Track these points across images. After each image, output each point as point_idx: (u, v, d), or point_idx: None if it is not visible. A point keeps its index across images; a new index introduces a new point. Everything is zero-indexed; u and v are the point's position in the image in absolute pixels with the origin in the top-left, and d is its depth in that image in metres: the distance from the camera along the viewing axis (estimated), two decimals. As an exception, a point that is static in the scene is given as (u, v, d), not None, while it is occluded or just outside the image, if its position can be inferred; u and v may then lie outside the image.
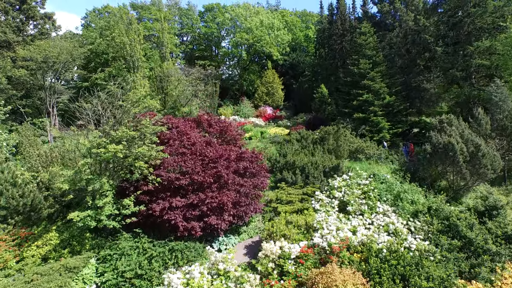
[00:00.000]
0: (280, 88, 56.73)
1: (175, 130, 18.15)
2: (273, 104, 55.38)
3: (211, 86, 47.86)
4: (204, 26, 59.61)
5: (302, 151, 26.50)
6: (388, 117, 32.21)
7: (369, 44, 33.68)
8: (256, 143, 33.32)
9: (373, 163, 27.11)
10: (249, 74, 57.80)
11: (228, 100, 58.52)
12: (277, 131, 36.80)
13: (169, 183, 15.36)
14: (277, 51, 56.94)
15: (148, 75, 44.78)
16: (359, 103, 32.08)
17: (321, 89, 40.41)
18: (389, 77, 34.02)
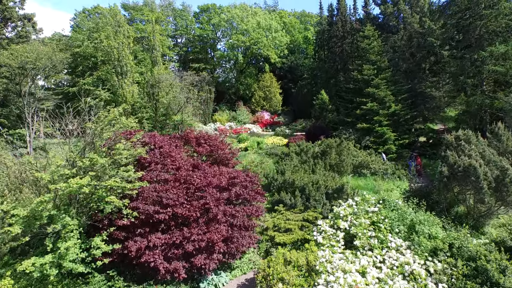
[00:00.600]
0: (278, 93, 54.57)
1: (158, 151, 15.89)
2: (271, 109, 53.20)
3: (206, 92, 45.61)
4: (199, 27, 57.32)
5: (302, 166, 24.29)
6: (393, 127, 30.04)
7: (373, 48, 31.52)
8: (252, 155, 31.09)
9: (379, 179, 24.93)
10: (246, 78, 55.57)
11: (224, 105, 56.27)
12: (274, 141, 34.61)
13: (147, 217, 13.11)
14: (275, 54, 54.73)
15: (139, 80, 42.55)
16: (362, 112, 29.92)
17: (321, 96, 38.24)
18: (394, 84, 31.84)
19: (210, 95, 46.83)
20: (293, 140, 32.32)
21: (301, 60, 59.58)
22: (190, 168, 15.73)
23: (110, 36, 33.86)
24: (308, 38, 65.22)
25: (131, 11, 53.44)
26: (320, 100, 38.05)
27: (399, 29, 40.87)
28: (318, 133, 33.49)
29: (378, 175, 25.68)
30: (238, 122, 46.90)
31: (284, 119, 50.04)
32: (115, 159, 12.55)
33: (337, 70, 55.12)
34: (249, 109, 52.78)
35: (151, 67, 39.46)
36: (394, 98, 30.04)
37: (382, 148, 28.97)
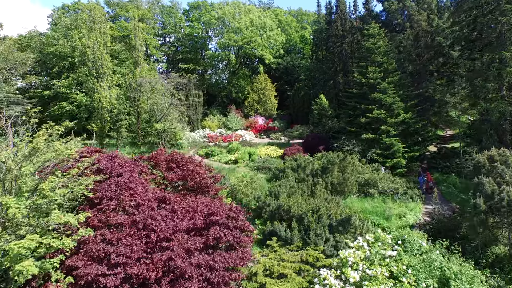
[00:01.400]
0: (273, 95, 50.98)
1: (115, 180, 12.22)
2: (265, 113, 49.60)
3: (194, 95, 41.91)
4: (189, 26, 53.55)
5: (299, 187, 20.73)
6: (402, 137, 26.61)
7: (379, 48, 28.06)
8: (243, 169, 27.49)
9: (388, 201, 21.44)
10: (239, 80, 51.94)
11: (215, 109, 52.55)
12: (268, 151, 31.03)
13: (87, 284, 9.45)
14: (270, 54, 51.13)
15: (120, 83, 38.78)
16: (368, 120, 26.44)
17: (320, 100, 34.73)
18: (402, 88, 28.43)
19: (199, 99, 43.16)
20: (289, 152, 28.75)
21: (298, 60, 56.08)
22: (155, 203, 12.09)
23: (84, 33, 30.09)
24: (305, 38, 61.69)
25: (115, 7, 49.57)
26: (319, 105, 34.55)
27: (404, 27, 37.44)
28: (317, 143, 29.98)
29: (387, 195, 22.22)
30: (230, 128, 43.26)
31: (280, 124, 46.52)
32: (37, 205, 8.85)
33: (336, 72, 51.67)
34: (242, 113, 49.15)
35: (133, 68, 35.70)
36: (403, 104, 26.57)
37: (390, 162, 25.52)
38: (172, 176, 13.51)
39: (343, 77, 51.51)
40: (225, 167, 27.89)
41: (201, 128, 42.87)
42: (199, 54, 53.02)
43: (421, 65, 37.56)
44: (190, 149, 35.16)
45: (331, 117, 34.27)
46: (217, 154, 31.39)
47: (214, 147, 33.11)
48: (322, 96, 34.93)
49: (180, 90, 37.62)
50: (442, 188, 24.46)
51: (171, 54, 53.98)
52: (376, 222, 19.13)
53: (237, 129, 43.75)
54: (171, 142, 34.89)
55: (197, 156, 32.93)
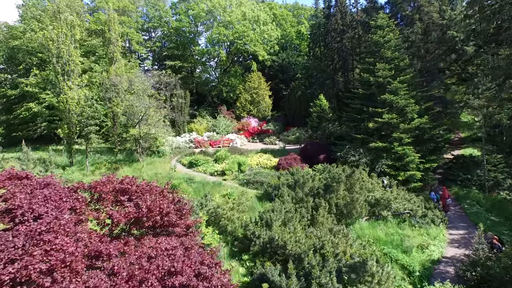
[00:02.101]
0: (267, 95, 46.99)
1: (26, 228, 8.19)
2: (259, 114, 45.61)
3: (179, 96, 37.81)
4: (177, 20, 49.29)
5: (298, 210, 16.83)
6: (415, 145, 22.83)
7: (389, 42, 24.17)
8: (230, 183, 23.52)
9: (405, 226, 17.61)
10: (230, 78, 47.86)
11: (205, 109, 48.47)
12: (261, 160, 27.08)
13: None
14: (264, 50, 47.12)
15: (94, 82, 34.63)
16: (377, 126, 22.59)
17: (319, 101, 30.84)
18: (415, 88, 24.65)
19: (185, 99, 39.01)
20: (285, 163, 24.85)
21: (294, 57, 52.15)
22: (83, 264, 8.07)
23: (47, 24, 25.92)
24: (301, 33, 57.77)
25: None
26: (318, 106, 30.64)
27: (413, 20, 33.64)
28: (317, 151, 26.12)
29: (403, 217, 18.40)
30: (219, 131, 39.23)
31: (274, 126, 42.58)
32: None
33: (335, 70, 47.89)
34: (234, 114, 45.15)
35: (107, 66, 31.56)
36: (418, 107, 22.76)
37: (403, 175, 21.72)
38: (120, 216, 9.51)
39: (343, 76, 47.77)
40: (210, 181, 23.89)
41: (188, 132, 38.79)
42: (188, 51, 48.80)
43: (431, 62, 33.86)
44: (173, 156, 31.11)
45: (332, 120, 30.42)
46: (202, 163, 27.39)
47: (199, 155, 29.08)
48: (321, 97, 31.05)
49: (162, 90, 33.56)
50: (466, 207, 20.69)
51: (156, 51, 49.73)
52: (393, 257, 15.31)
53: (227, 132, 39.75)
54: (151, 149, 30.84)
55: (179, 165, 28.97)
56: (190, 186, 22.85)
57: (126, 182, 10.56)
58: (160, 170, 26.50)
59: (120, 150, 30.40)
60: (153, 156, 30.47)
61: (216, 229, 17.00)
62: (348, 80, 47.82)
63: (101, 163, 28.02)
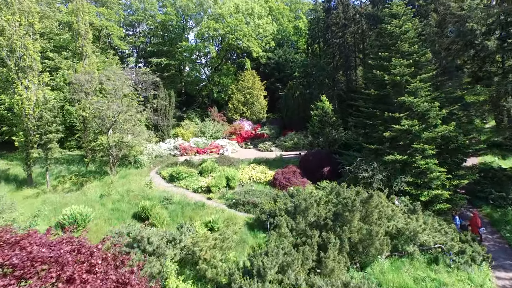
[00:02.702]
0: (262, 96, 42.88)
1: None
2: (253, 117, 41.49)
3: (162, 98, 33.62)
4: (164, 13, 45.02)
5: (299, 249, 12.74)
6: (440, 158, 18.87)
7: (407, 33, 20.14)
8: (215, 205, 19.36)
9: (440, 268, 13.58)
10: (221, 77, 43.66)
11: (194, 111, 44.29)
12: (254, 174, 22.92)
13: None
14: (258, 46, 42.97)
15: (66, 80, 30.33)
16: (394, 134, 18.56)
17: (321, 103, 26.75)
18: (436, 88, 20.71)
19: (170, 100, 34.76)
20: (282, 178, 20.79)
21: (291, 54, 48.02)
22: None
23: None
24: (299, 29, 53.70)
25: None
26: (320, 109, 26.56)
27: (427, 11, 29.70)
28: (319, 162, 22.04)
29: (433, 254, 14.40)
30: (209, 135, 35.09)
31: (270, 130, 38.47)
32: None
33: (336, 68, 43.93)
34: (225, 117, 41.00)
35: (77, 62, 27.31)
36: (444, 112, 18.77)
37: (427, 195, 17.73)
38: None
39: (345, 74, 43.82)
40: (192, 200, 19.74)
41: (173, 137, 34.58)
42: (176, 47, 44.54)
43: (447, 58, 29.96)
44: (152, 167, 26.90)
45: (336, 125, 26.37)
46: (184, 177, 23.22)
47: (182, 166, 24.85)
48: (324, 98, 26.94)
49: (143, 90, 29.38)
50: (508, 235, 16.68)
51: (141, 47, 45.37)
52: (430, 318, 11.30)
53: (217, 137, 35.59)
54: (128, 158, 26.64)
55: (158, 179, 24.77)
56: (166, 208, 18.71)
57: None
58: (134, 186, 22.29)
59: (92, 159, 26.15)
60: (129, 167, 26.25)
61: (192, 272, 12.96)
62: (350, 79, 43.94)
63: (66, 176, 23.74)
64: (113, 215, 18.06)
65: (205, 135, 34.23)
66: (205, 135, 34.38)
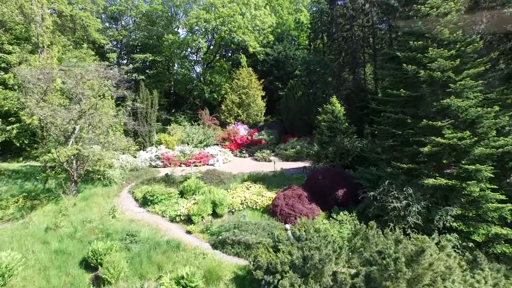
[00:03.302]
0: (259, 96, 38.10)
1: None
2: (249, 120, 36.71)
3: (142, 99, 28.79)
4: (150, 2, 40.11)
5: None
6: (496, 181, 14.11)
7: (448, 15, 15.36)
8: (196, 243, 14.49)
9: None
10: (213, 75, 38.80)
11: (183, 114, 39.45)
12: (248, 198, 18.00)
13: None
14: (255, 40, 38.14)
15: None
16: (434, 150, 13.79)
17: (331, 106, 21.85)
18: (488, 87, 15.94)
19: (152, 102, 29.82)
20: (284, 204, 15.96)
21: (292, 50, 43.20)
22: None
23: None
24: (300, 23, 48.90)
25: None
26: (330, 114, 21.69)
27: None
28: (331, 183, 17.20)
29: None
30: (199, 143, 30.26)
31: (269, 136, 33.68)
32: None
33: (342, 65, 39.18)
34: (217, 120, 36.17)
35: (32, 55, 22.43)
36: (504, 120, 14.00)
37: (483, 234, 12.99)
38: None
39: (352, 72, 39.06)
40: (165, 237, 14.90)
41: (156, 145, 29.74)
42: (162, 41, 39.61)
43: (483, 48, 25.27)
44: (126, 184, 22.07)
45: (349, 133, 21.57)
46: (161, 199, 18.41)
47: (158, 185, 19.97)
48: (334, 100, 22.04)
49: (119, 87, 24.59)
50: None
51: (123, 41, 40.43)
52: None
53: (207, 144, 30.76)
54: (97, 174, 21.78)
55: (130, 201, 19.83)
56: (128, 250, 13.88)
57: None
58: (95, 212, 17.44)
59: (47, 176, 21.24)
60: (96, 184, 21.40)
61: None
62: (359, 77, 39.18)
63: (10, 199, 18.83)
64: (54, 262, 13.19)
65: (193, 142, 29.40)
66: (193, 142, 29.55)
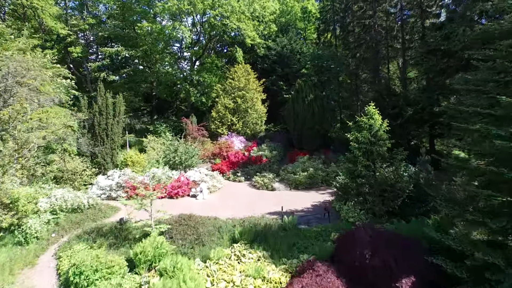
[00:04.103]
0: (259, 99, 30.69)
1: None
2: (246, 130, 29.28)
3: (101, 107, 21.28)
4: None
5: None
6: None
7: None
8: None
9: None
10: (202, 73, 31.34)
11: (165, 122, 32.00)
12: (240, 283, 10.52)
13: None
14: (254, 30, 30.69)
15: None
16: None
17: (368, 120, 14.29)
18: None
19: (115, 111, 22.24)
20: None
21: (299, 44, 35.81)
22: None
23: None
24: (308, 12, 41.43)
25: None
26: (366, 130, 14.20)
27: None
28: (386, 266, 9.68)
29: None
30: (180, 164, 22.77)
31: (271, 151, 26.25)
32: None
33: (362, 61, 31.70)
34: (206, 130, 28.71)
35: None
36: None
37: None
38: None
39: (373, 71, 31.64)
40: None
41: (120, 166, 22.29)
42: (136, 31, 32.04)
43: None
44: (54, 240, 14.53)
45: (398, 160, 14.08)
46: (94, 280, 10.92)
47: (96, 251, 12.46)
48: (372, 110, 14.36)
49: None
50: None
51: (90, 32, 32.76)
52: None
53: (190, 165, 23.21)
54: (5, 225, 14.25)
55: (50, 274, 12.51)
56: None
57: None
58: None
59: None
60: (6, 242, 13.90)
61: None
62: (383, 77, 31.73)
63: None
64: None
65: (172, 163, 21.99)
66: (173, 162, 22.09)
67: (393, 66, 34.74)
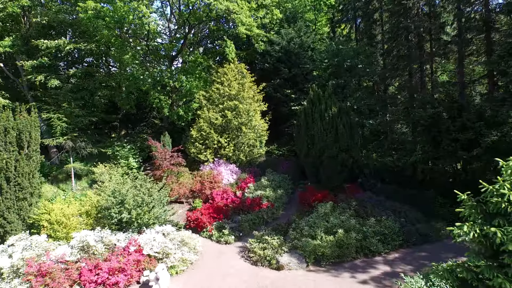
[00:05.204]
0: (258, 112, 22.28)
1: None
2: (240, 156, 20.83)
3: None
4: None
5: None
6: None
7: None
8: None
9: None
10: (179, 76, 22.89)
11: (129, 141, 23.64)
12: None
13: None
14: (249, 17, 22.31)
15: None
16: None
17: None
18: None
19: (27, 137, 13.88)
20: None
21: (311, 37, 27.49)
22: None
23: None
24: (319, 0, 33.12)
25: None
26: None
27: None
28: None
29: None
30: (127, 223, 14.27)
31: (274, 191, 17.89)
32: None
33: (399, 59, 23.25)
34: (181, 158, 20.14)
35: None
36: None
37: None
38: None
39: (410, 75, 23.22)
40: None
41: (35, 228, 13.89)
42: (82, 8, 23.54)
43: None
44: None
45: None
46: None
47: None
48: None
49: None
50: None
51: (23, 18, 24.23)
52: None
53: (147, 223, 14.66)
54: None
55: None
56: None
57: None
58: None
59: None
60: None
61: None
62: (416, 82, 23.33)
63: None
64: None
65: (120, 221, 13.61)
66: (121, 220, 13.65)
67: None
